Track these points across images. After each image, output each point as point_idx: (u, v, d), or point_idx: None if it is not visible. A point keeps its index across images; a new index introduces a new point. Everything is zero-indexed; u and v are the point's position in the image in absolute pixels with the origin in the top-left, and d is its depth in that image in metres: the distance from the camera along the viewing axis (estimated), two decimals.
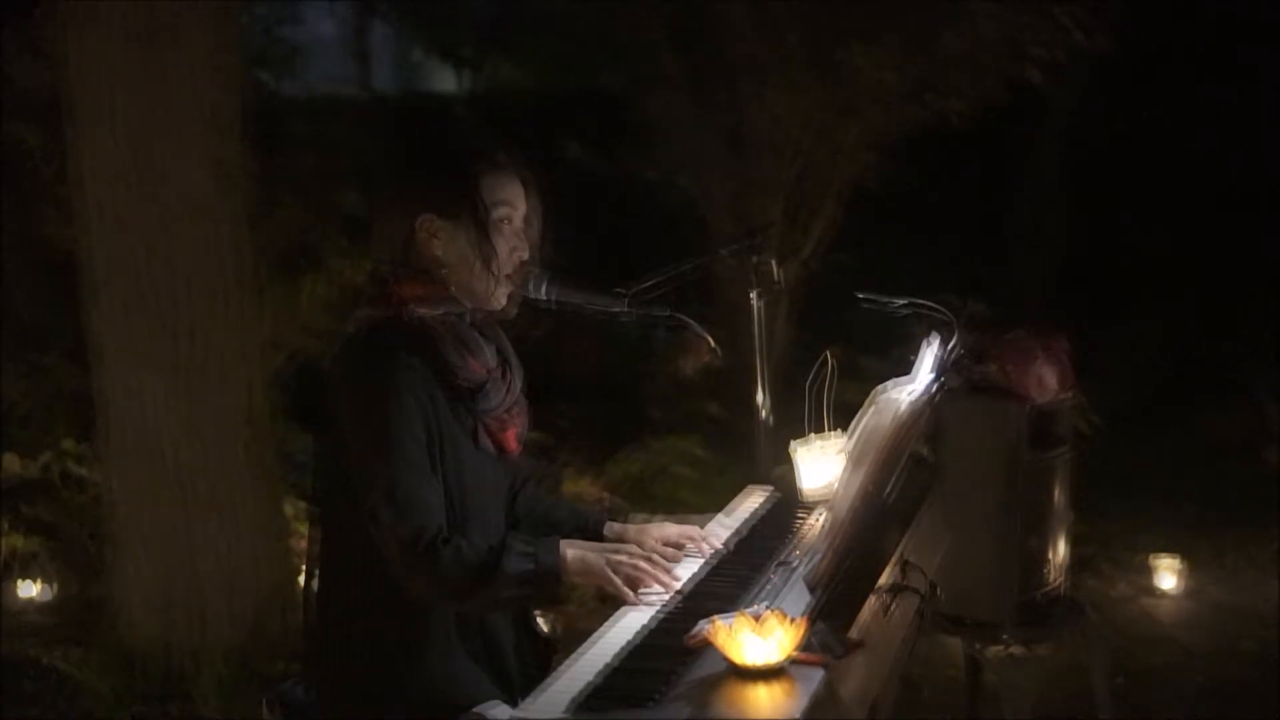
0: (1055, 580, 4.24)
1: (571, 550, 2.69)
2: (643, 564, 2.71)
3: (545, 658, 2.91)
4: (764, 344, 3.75)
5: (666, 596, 2.69)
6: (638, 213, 9.64)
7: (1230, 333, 8.87)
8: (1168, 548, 6.20)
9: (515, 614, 2.87)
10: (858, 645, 2.37)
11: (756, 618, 2.23)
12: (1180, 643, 5.48)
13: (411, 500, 2.60)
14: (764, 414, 3.63)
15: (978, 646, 4.21)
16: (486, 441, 2.80)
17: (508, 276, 2.81)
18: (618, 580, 2.68)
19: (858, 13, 7.03)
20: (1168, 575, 5.96)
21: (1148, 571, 6.03)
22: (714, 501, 5.05)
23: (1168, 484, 7.36)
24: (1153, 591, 5.96)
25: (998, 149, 10.10)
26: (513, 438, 2.85)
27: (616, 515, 3.21)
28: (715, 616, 2.31)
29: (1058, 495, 4.20)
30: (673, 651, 2.36)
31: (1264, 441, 7.68)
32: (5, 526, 6.24)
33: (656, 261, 3.68)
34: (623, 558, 2.71)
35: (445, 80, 17.59)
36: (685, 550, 2.95)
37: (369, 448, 2.61)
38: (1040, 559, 4.17)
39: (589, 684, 2.29)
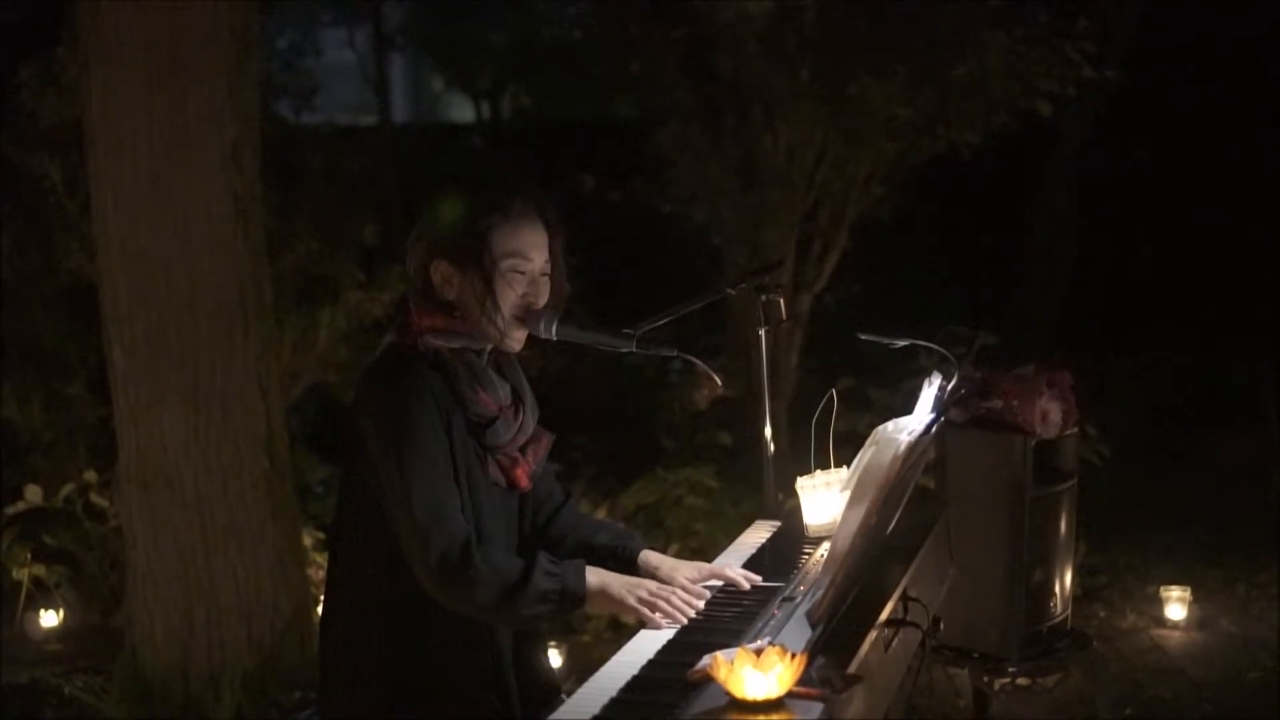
0: (1061, 612, 4.27)
1: (595, 577, 2.77)
2: (661, 599, 2.79)
3: (546, 694, 2.95)
4: (771, 380, 3.80)
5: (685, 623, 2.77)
6: (652, 244, 9.71)
7: (1241, 361, 8.88)
8: (1178, 578, 6.21)
9: (520, 647, 2.92)
10: (857, 680, 2.41)
11: (757, 652, 2.27)
12: (1189, 674, 5.48)
13: (445, 508, 2.68)
14: (770, 448, 3.67)
15: (984, 678, 4.25)
16: (497, 474, 2.85)
17: (519, 320, 2.86)
18: (638, 605, 2.76)
19: (869, 46, 7.10)
20: (1177, 606, 5.96)
21: (1158, 603, 6.03)
22: (726, 532, 5.09)
23: (1178, 513, 7.37)
24: (1162, 623, 5.97)
25: (1009, 179, 10.16)
26: (523, 475, 2.90)
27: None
28: (717, 651, 2.36)
29: (1063, 528, 4.24)
30: (674, 685, 2.41)
31: (1275, 470, 7.68)
32: (27, 556, 6.30)
33: (670, 292, 3.74)
34: (643, 593, 2.79)
35: (463, 111, 17.72)
36: (723, 587, 3.00)
37: (397, 462, 2.67)
38: (1046, 591, 4.20)
39: (593, 716, 2.35)
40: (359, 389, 2.81)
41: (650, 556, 3.05)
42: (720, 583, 2.99)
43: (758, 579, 2.99)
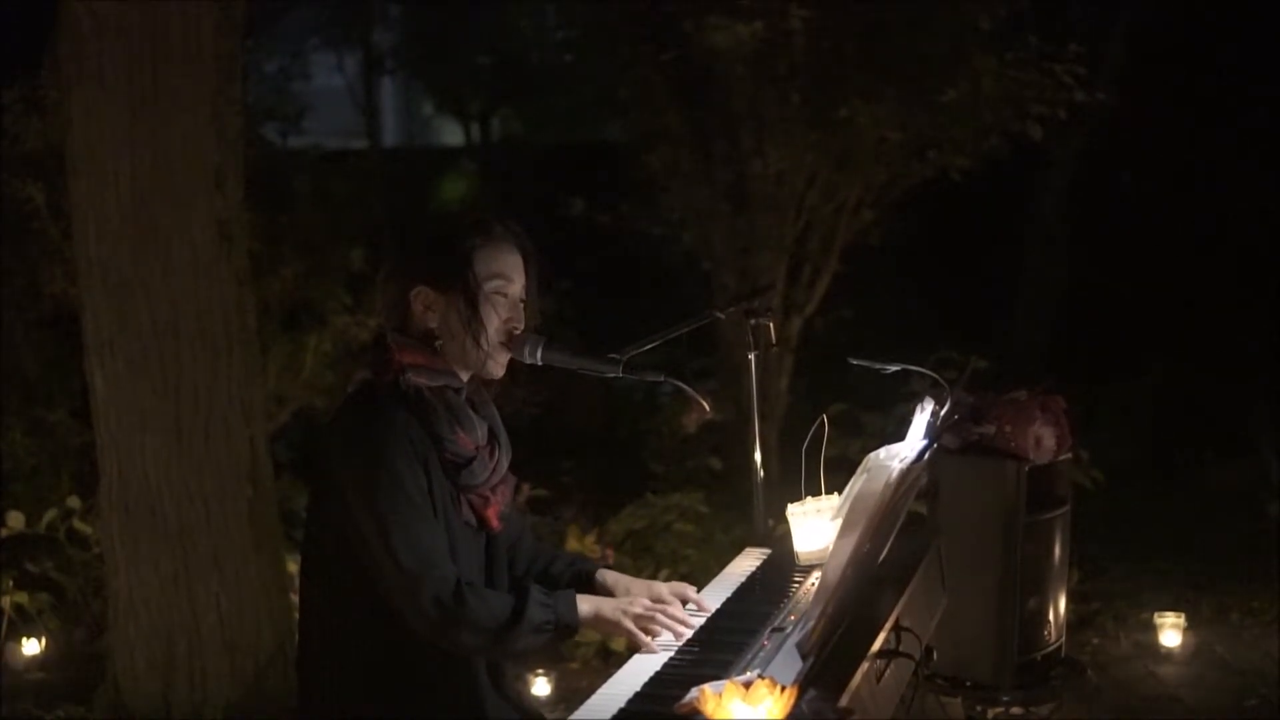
0: (1055, 640, 4.22)
1: (586, 604, 2.76)
2: (656, 612, 2.79)
3: None
4: (761, 405, 3.76)
5: (678, 644, 2.75)
6: (642, 267, 9.68)
7: (1234, 387, 8.84)
8: (1172, 605, 6.17)
9: (498, 679, 2.87)
10: (849, 713, 2.36)
11: (746, 685, 2.22)
12: (1184, 702, 5.44)
13: (432, 554, 2.64)
14: (760, 473, 3.63)
15: (977, 708, 4.19)
16: (469, 515, 2.81)
17: (502, 345, 2.82)
18: (633, 627, 2.75)
19: (859, 70, 7.08)
20: (1171, 633, 5.91)
21: (1152, 630, 5.99)
22: (717, 558, 5.03)
23: (1172, 540, 7.32)
24: (1156, 650, 5.91)
25: (1000, 202, 10.14)
26: (494, 515, 2.86)
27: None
28: (705, 684, 2.30)
29: (1056, 555, 4.19)
30: (661, 718, 2.36)
31: (1268, 497, 7.63)
32: (10, 583, 6.23)
33: (660, 316, 3.70)
34: (638, 610, 2.78)
35: (453, 135, 17.73)
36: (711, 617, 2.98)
37: (378, 510, 2.63)
38: (1039, 619, 4.15)
39: None
40: (333, 429, 2.78)
41: (606, 575, 3.09)
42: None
43: (715, 604, 3.03)
